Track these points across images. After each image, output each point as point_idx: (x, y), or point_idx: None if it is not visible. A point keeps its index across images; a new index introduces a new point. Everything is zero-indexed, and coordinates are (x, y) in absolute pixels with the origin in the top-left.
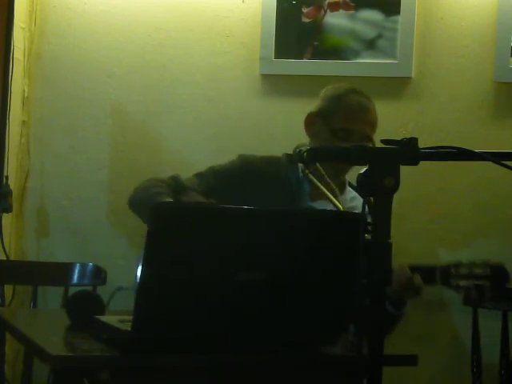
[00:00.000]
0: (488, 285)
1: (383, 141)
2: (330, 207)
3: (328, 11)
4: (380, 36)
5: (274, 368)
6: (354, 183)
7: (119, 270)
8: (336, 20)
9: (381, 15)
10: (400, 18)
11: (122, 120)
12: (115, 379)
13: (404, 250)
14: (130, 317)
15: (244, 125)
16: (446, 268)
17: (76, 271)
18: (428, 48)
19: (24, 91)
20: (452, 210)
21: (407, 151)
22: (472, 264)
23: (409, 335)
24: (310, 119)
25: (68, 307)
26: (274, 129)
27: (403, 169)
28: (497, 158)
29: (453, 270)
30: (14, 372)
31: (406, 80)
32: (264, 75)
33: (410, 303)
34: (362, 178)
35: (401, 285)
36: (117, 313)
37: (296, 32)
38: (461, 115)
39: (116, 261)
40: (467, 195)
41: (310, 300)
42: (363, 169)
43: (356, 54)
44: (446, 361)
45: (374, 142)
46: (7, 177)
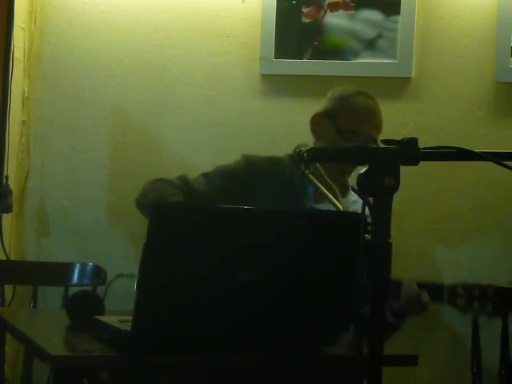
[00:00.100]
0: (491, 308)
1: (383, 141)
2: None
3: (328, 11)
4: (380, 36)
5: (274, 368)
6: (355, 185)
7: (119, 270)
8: (336, 20)
9: (381, 15)
10: (400, 18)
11: (122, 120)
12: (115, 379)
13: (404, 250)
14: (130, 317)
15: (244, 125)
16: (454, 287)
17: (76, 271)
18: (428, 48)
19: (24, 91)
20: (452, 210)
21: (407, 151)
22: (477, 286)
23: (409, 335)
24: (317, 119)
25: (68, 307)
26: (274, 129)
27: (403, 169)
28: (497, 158)
29: (460, 290)
30: (14, 372)
31: (406, 80)
32: (264, 75)
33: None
34: (362, 178)
35: (408, 300)
36: (117, 313)
37: (296, 32)
38: (461, 115)
39: (116, 261)
40: (467, 195)
41: (310, 300)
42: (363, 169)
43: (356, 54)
44: (446, 361)
45: (379, 144)
46: (7, 177)
